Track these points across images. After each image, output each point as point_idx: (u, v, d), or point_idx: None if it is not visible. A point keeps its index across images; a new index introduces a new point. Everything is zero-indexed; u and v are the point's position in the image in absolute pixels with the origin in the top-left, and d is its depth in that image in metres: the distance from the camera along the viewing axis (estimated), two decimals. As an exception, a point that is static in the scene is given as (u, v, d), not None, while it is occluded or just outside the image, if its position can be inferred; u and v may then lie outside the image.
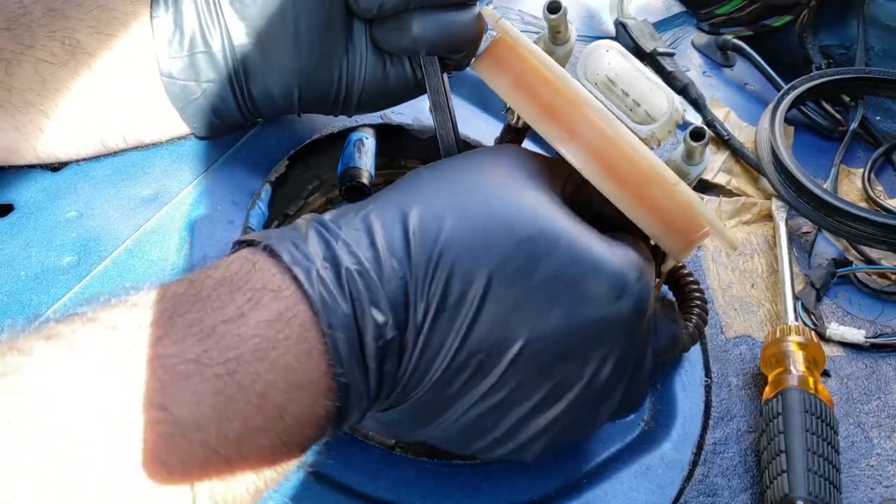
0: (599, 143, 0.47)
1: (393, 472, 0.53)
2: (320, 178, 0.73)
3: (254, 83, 0.57)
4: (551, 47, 0.55)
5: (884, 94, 0.88)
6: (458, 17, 0.56)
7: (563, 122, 0.48)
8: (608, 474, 0.56)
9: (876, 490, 0.59)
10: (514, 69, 0.50)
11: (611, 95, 0.52)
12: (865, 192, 0.82)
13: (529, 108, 0.50)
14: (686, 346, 0.59)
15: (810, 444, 0.55)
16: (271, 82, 0.57)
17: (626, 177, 0.47)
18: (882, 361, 0.67)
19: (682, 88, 0.84)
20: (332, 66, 0.57)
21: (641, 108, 0.52)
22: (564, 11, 0.53)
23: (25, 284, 0.53)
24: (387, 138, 0.72)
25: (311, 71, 0.56)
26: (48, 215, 0.57)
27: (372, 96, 0.59)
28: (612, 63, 0.52)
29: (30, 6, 0.54)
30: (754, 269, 0.73)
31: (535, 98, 0.50)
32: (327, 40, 0.56)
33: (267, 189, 0.64)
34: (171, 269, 0.56)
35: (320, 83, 0.57)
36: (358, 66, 0.57)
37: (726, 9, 0.96)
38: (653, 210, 0.48)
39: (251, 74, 0.56)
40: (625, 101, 0.52)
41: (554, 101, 0.49)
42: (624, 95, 0.52)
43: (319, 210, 0.73)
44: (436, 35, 0.55)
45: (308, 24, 0.55)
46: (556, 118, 0.49)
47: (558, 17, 0.53)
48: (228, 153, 0.63)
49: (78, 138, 0.58)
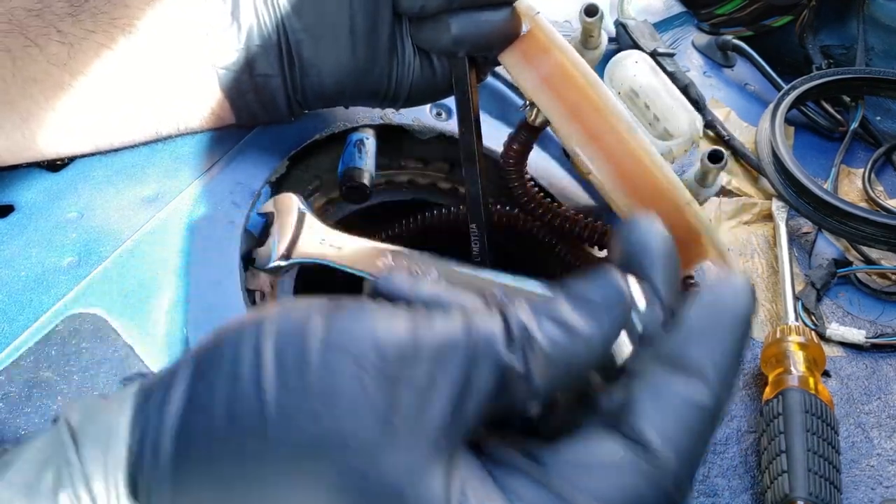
0: (620, 151, 0.47)
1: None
2: (320, 178, 0.73)
3: (307, 79, 0.58)
4: (581, 50, 0.55)
5: (884, 94, 0.88)
6: (496, 17, 0.56)
7: (587, 125, 0.49)
8: (608, 474, 0.56)
9: (876, 490, 0.59)
10: (545, 66, 0.50)
11: (632, 107, 0.52)
12: (866, 193, 0.82)
13: (555, 107, 0.50)
14: None
15: (811, 445, 0.55)
16: (326, 79, 0.58)
17: (639, 188, 0.47)
18: (882, 362, 0.67)
19: (682, 89, 0.84)
20: (383, 63, 0.58)
21: (661, 125, 0.52)
22: (601, 16, 0.53)
23: (25, 285, 0.53)
24: (387, 138, 0.72)
25: (364, 67, 0.57)
26: (48, 216, 0.57)
27: (420, 91, 0.60)
28: (638, 76, 0.52)
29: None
30: (754, 269, 0.73)
31: (563, 98, 0.50)
32: (379, 38, 0.56)
33: (267, 189, 0.64)
34: (171, 269, 0.56)
35: (372, 79, 0.58)
36: (407, 63, 0.58)
37: (726, 9, 0.96)
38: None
39: (306, 71, 0.57)
40: (645, 115, 0.52)
41: (582, 103, 0.49)
42: (645, 109, 0.52)
43: (320, 210, 0.73)
44: (475, 35, 0.55)
45: (363, 21, 0.55)
46: (580, 120, 0.49)
47: (594, 20, 0.53)
48: (228, 153, 0.63)
49: (134, 124, 0.59)
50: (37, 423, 0.48)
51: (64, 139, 0.57)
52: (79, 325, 0.52)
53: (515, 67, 0.53)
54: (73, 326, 0.52)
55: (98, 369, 0.51)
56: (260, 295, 0.63)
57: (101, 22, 0.55)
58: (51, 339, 0.51)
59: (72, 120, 0.56)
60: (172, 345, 0.53)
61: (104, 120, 0.58)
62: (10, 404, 0.49)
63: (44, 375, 0.50)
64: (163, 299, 0.54)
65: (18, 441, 0.36)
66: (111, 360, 0.51)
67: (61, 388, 0.50)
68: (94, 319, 0.52)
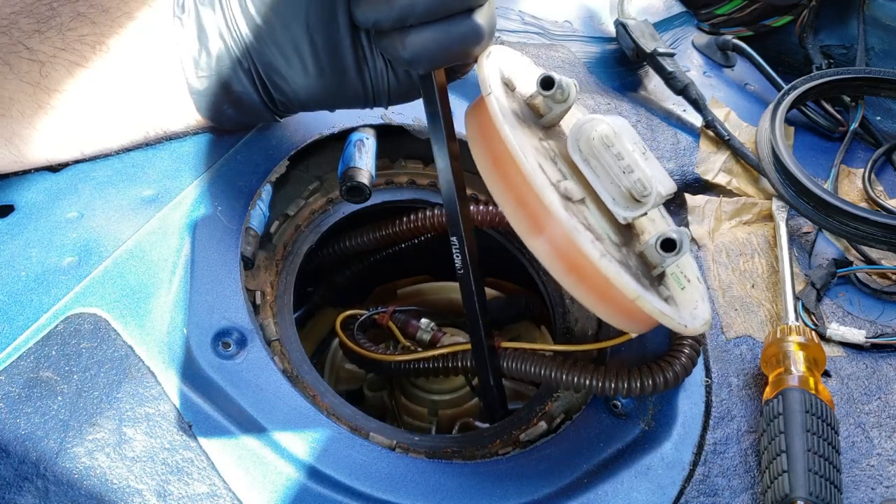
0: (566, 246, 0.48)
1: (393, 472, 0.53)
2: (320, 178, 0.73)
3: (283, 94, 0.58)
4: (550, 104, 0.55)
5: (884, 94, 0.88)
6: (459, 29, 0.52)
7: (533, 217, 0.49)
8: (608, 474, 0.56)
9: (876, 490, 0.59)
10: (494, 146, 0.50)
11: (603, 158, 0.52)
12: (866, 192, 0.82)
13: (502, 194, 0.50)
14: (670, 383, 0.58)
15: (811, 445, 0.55)
16: (300, 93, 0.57)
17: (587, 280, 0.48)
18: (882, 361, 0.67)
19: (682, 89, 0.84)
20: (353, 75, 0.57)
21: (635, 176, 0.51)
22: (560, 84, 0.53)
23: (26, 284, 0.53)
24: (387, 138, 0.72)
25: (334, 81, 0.57)
26: (49, 216, 0.57)
27: (402, 93, 0.59)
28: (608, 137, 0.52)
29: (58, 9, 0.55)
30: (755, 269, 0.73)
31: (509, 185, 0.50)
32: (342, 52, 0.55)
33: (267, 189, 0.64)
34: (171, 269, 0.56)
35: (346, 89, 0.58)
36: (379, 71, 0.57)
37: (726, 9, 0.96)
38: (615, 311, 0.50)
39: (279, 88, 0.57)
40: (619, 165, 0.52)
41: (526, 194, 0.48)
42: (618, 159, 0.52)
43: (320, 210, 0.73)
44: (432, 52, 0.52)
45: (322, 39, 0.54)
46: (526, 211, 0.49)
47: (552, 92, 0.53)
48: (228, 153, 0.63)
49: (118, 133, 0.59)
50: (37, 422, 0.48)
51: (50, 151, 0.58)
52: (79, 325, 0.52)
53: (470, 132, 0.53)
54: (73, 326, 0.52)
55: (98, 369, 0.51)
56: (260, 295, 0.63)
57: (69, 39, 0.55)
58: (51, 339, 0.51)
59: (55, 135, 0.57)
60: (172, 345, 0.53)
61: (87, 132, 0.58)
62: (10, 404, 0.49)
63: (44, 375, 0.50)
64: (163, 299, 0.54)
65: None
66: (111, 360, 0.51)
67: (61, 388, 0.50)
68: (94, 319, 0.52)
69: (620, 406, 0.60)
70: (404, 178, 0.77)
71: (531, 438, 0.61)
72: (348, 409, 0.60)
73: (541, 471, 0.55)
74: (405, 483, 0.53)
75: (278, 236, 0.69)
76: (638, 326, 0.52)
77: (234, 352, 0.54)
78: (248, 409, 0.52)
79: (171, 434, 0.50)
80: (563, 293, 0.73)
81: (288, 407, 0.54)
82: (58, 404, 0.49)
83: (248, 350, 0.55)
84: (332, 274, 0.85)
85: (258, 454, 0.51)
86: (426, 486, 0.53)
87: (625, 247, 0.53)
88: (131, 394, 0.51)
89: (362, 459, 0.53)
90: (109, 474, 0.48)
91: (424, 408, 0.80)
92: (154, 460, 0.49)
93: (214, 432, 0.51)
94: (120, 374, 0.51)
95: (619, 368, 0.58)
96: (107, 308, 0.53)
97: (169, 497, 0.48)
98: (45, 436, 0.48)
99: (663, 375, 0.57)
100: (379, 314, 0.75)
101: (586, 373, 0.58)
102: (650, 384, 0.56)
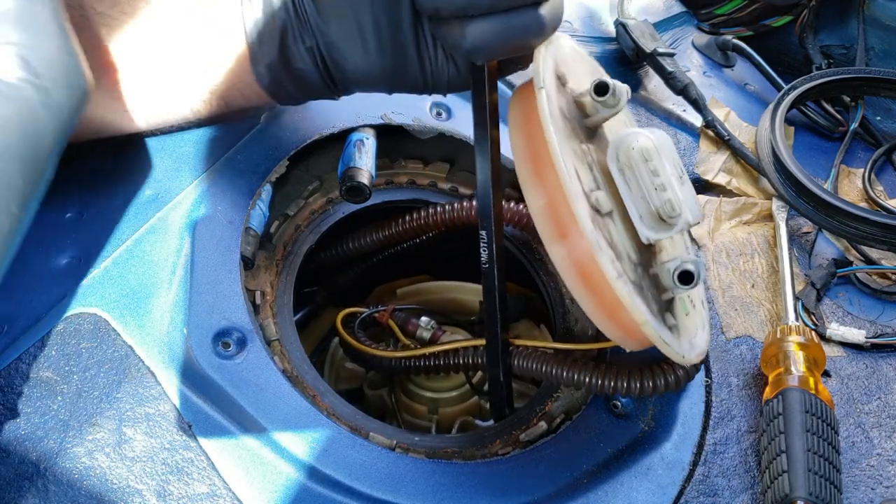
0: (585, 260, 0.48)
1: (393, 472, 0.53)
2: (320, 178, 0.73)
3: (343, 75, 0.58)
4: (599, 107, 0.54)
5: (884, 94, 0.88)
6: (522, 20, 0.51)
7: (559, 224, 0.49)
8: (608, 474, 0.56)
9: (876, 490, 0.59)
10: (536, 141, 0.50)
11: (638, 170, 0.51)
12: (866, 192, 0.82)
13: (534, 193, 0.50)
14: (672, 386, 0.58)
15: (811, 445, 0.55)
16: (360, 76, 0.57)
17: (598, 294, 0.49)
18: (882, 361, 0.67)
19: (682, 89, 0.84)
20: (413, 61, 0.56)
21: (667, 195, 0.51)
22: (614, 91, 0.52)
23: (26, 284, 0.53)
24: (387, 138, 0.72)
25: (395, 65, 0.56)
26: (48, 215, 0.57)
27: (461, 83, 0.58)
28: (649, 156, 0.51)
29: None
30: (755, 269, 0.73)
31: (543, 182, 0.50)
32: (404, 37, 0.55)
33: (267, 189, 0.64)
34: (171, 269, 0.56)
35: (406, 75, 0.57)
36: (440, 61, 0.56)
37: (726, 9, 0.96)
38: (617, 326, 0.51)
39: (340, 68, 0.57)
40: (653, 181, 0.51)
41: (557, 199, 0.48)
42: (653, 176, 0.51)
43: (320, 210, 0.73)
44: (494, 44, 0.51)
45: (386, 22, 0.54)
46: (554, 216, 0.49)
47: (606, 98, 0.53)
48: (228, 153, 0.63)
49: (174, 105, 0.60)
50: (37, 422, 0.48)
51: (116, 118, 0.58)
52: (79, 325, 0.52)
53: (512, 121, 0.52)
54: (72, 326, 0.52)
55: (98, 369, 0.51)
56: (260, 295, 0.63)
57: (136, 5, 0.56)
58: (51, 339, 0.51)
59: (126, 97, 0.57)
60: (172, 345, 0.53)
61: (152, 99, 0.59)
62: (10, 404, 0.49)
63: (44, 375, 0.50)
64: (163, 299, 0.54)
65: None
66: (111, 360, 0.51)
67: (61, 388, 0.50)
68: (93, 319, 0.52)
69: (620, 406, 0.60)
70: (404, 178, 0.77)
71: (531, 438, 0.61)
72: (348, 409, 0.60)
73: (541, 471, 0.55)
74: (405, 483, 0.53)
75: (278, 236, 0.69)
76: (633, 344, 0.53)
77: (234, 352, 0.54)
78: (248, 409, 0.52)
79: (171, 434, 0.50)
80: (563, 294, 0.73)
81: (288, 407, 0.54)
82: (58, 404, 0.49)
83: (248, 350, 0.55)
84: (334, 275, 0.85)
85: (258, 454, 0.51)
86: (426, 486, 0.53)
87: (641, 266, 0.53)
88: (131, 394, 0.51)
89: (362, 459, 0.53)
90: (109, 474, 0.48)
91: (424, 406, 0.80)
92: (154, 460, 0.49)
93: (214, 432, 0.51)
94: (120, 375, 0.51)
95: (630, 368, 0.58)
96: (107, 308, 0.53)
97: (169, 497, 0.48)
98: (45, 436, 0.48)
99: (675, 375, 0.57)
100: (379, 312, 0.75)
101: (598, 373, 0.58)
102: (662, 384, 0.57)
